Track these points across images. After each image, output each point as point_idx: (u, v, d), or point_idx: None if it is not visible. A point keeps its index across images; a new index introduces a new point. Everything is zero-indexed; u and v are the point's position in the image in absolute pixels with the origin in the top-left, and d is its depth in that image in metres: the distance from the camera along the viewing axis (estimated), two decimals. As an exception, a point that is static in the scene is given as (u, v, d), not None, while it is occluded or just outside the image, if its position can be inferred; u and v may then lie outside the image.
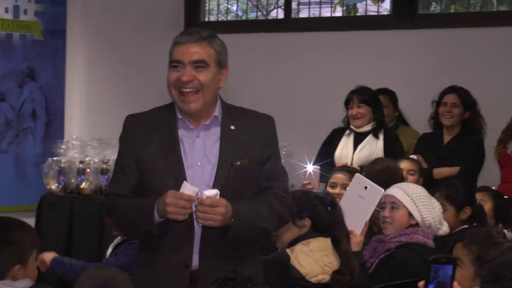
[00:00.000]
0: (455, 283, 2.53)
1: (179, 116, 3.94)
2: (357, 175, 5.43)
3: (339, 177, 5.89)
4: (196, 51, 3.92)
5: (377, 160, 6.28)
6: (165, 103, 4.05)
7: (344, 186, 5.71)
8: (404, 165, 6.15)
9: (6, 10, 8.32)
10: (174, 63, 3.91)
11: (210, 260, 3.82)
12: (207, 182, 3.84)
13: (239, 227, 3.77)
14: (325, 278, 4.54)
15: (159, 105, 4.07)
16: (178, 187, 3.73)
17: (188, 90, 3.84)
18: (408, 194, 4.93)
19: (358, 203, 4.94)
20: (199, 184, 3.77)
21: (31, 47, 8.49)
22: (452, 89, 7.01)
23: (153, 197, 3.77)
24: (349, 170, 6.10)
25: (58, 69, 8.36)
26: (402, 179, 5.92)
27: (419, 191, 4.98)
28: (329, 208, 4.65)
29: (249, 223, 3.83)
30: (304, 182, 5.88)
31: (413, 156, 6.62)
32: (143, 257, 3.97)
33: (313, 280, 4.51)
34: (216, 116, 3.98)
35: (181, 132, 3.93)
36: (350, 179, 5.70)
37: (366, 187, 5.14)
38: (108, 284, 2.94)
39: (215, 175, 3.86)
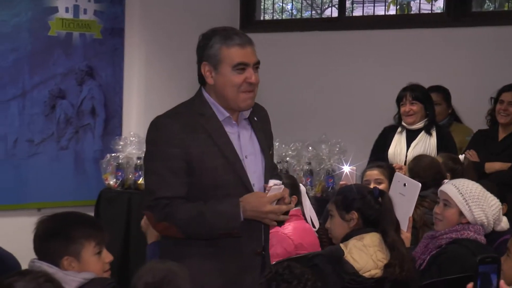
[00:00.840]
0: (501, 282, 2.55)
1: (227, 114, 4.00)
2: (396, 173, 5.48)
3: (371, 173, 5.92)
4: (254, 53, 4.05)
5: (419, 157, 6.30)
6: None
7: (377, 182, 5.76)
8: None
9: (67, 10, 8.40)
10: (240, 66, 3.96)
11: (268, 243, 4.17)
12: (259, 172, 4.03)
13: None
14: (378, 273, 4.53)
15: None
16: (241, 183, 3.92)
17: (251, 89, 4.01)
18: (461, 193, 4.90)
19: (400, 201, 4.93)
20: (252, 175, 3.99)
21: (90, 46, 8.56)
22: (510, 87, 6.98)
23: (230, 200, 3.86)
24: (380, 165, 6.15)
25: (117, 67, 8.43)
26: (444, 173, 5.99)
27: (474, 190, 4.93)
28: (379, 198, 4.66)
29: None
30: (341, 182, 5.90)
31: (463, 155, 6.61)
32: (203, 250, 3.97)
33: (366, 274, 4.51)
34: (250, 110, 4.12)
35: (227, 129, 4.00)
36: (382, 174, 5.83)
37: (405, 184, 5.15)
38: (167, 277, 2.97)
39: (264, 165, 4.07)
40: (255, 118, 4.18)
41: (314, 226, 5.27)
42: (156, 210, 3.92)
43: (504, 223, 4.99)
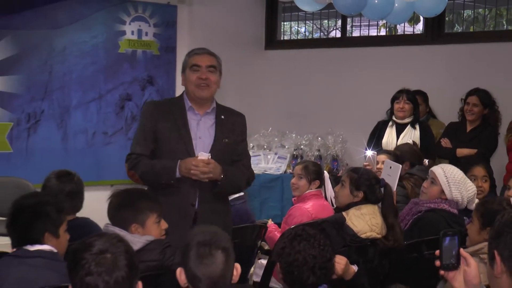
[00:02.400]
0: (461, 249, 2.54)
1: (189, 105, 4.39)
2: (386, 160, 5.65)
3: (381, 157, 5.95)
4: (210, 60, 4.41)
5: (403, 144, 6.54)
6: (247, 103, 4.14)
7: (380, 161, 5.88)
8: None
9: (132, 33, 8.39)
10: (194, 67, 4.36)
11: (205, 203, 4.33)
12: (206, 150, 4.28)
13: (224, 182, 4.32)
14: (372, 234, 4.54)
15: (248, 105, 4.28)
16: (186, 152, 4.29)
17: (205, 84, 4.34)
18: (446, 176, 4.92)
19: (388, 180, 5.01)
20: (200, 151, 4.28)
21: (150, 60, 8.56)
22: (475, 91, 6.91)
23: (171, 160, 4.25)
24: (387, 151, 6.23)
25: (170, 77, 8.42)
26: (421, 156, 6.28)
27: (456, 174, 4.96)
28: (382, 189, 4.67)
29: (231, 181, 4.40)
30: (365, 163, 5.90)
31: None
32: (160, 198, 4.10)
33: (363, 236, 4.51)
34: (214, 108, 4.47)
35: (189, 116, 4.38)
36: (388, 158, 5.84)
37: (390, 167, 5.34)
38: (213, 239, 2.96)
39: (211, 146, 4.34)
40: (222, 117, 4.46)
41: (333, 205, 5.25)
42: (129, 161, 4.42)
43: (475, 204, 4.97)
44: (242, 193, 5.36)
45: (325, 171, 5.70)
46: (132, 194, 3.91)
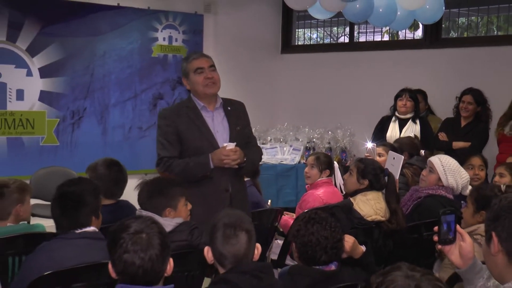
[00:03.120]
0: (457, 226, 2.53)
1: (201, 104, 4.38)
2: (390, 152, 5.62)
3: (379, 149, 5.98)
4: (209, 61, 4.42)
5: (404, 137, 6.55)
6: (266, 101, 4.12)
7: (380, 155, 5.84)
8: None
9: (164, 39, 8.42)
10: (198, 70, 4.34)
11: (235, 186, 4.37)
12: (225, 141, 4.29)
13: (248, 164, 4.39)
14: (377, 218, 4.52)
15: (266, 103, 4.23)
16: (211, 146, 4.29)
17: (212, 82, 4.34)
18: (443, 165, 4.93)
19: (392, 169, 5.04)
20: (220, 143, 4.31)
21: (179, 63, 8.49)
22: (469, 91, 6.90)
23: (202, 155, 4.25)
24: (384, 144, 6.21)
25: (197, 77, 8.41)
26: (419, 147, 6.30)
27: (451, 163, 4.96)
28: (386, 178, 4.66)
29: (251, 160, 4.44)
30: (366, 154, 5.89)
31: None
32: (194, 190, 4.17)
33: (369, 219, 4.50)
34: (221, 103, 4.47)
35: (203, 114, 4.38)
36: (385, 149, 5.90)
37: (394, 158, 5.34)
38: (238, 221, 2.97)
39: (229, 136, 4.35)
40: (229, 108, 4.47)
41: (342, 192, 5.25)
42: (161, 165, 4.37)
43: (469, 190, 4.96)
44: (248, 178, 5.35)
45: (335, 162, 5.69)
46: (163, 182, 3.93)
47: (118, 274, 2.59)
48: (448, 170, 4.91)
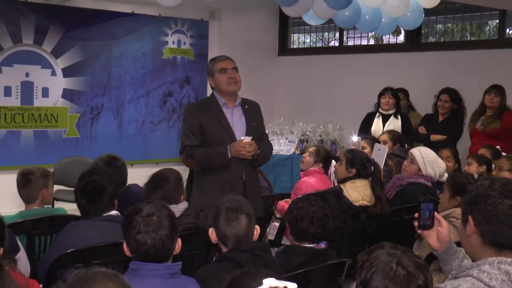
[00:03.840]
0: (435, 213, 2.53)
1: (222, 101, 4.39)
2: (376, 144, 5.63)
3: (363, 142, 6.01)
4: (232, 63, 4.46)
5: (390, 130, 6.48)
6: (264, 98, 4.10)
7: (364, 148, 5.83)
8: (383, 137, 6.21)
9: (173, 43, 8.41)
10: (223, 70, 4.37)
11: (248, 175, 4.38)
12: (242, 135, 4.30)
13: (261, 157, 4.40)
14: (364, 203, 4.55)
15: (264, 100, 4.23)
16: (230, 138, 4.30)
17: (234, 81, 4.37)
18: (422, 156, 4.95)
19: (377, 159, 5.07)
20: (238, 136, 4.32)
21: (187, 64, 8.56)
22: (446, 90, 6.91)
23: (221, 146, 4.26)
24: (367, 138, 6.23)
25: (203, 77, 8.33)
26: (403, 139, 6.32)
27: (430, 155, 4.99)
28: (372, 166, 4.67)
29: (264, 154, 4.45)
30: (352, 147, 5.90)
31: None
32: (212, 177, 4.31)
33: (356, 204, 4.52)
34: (240, 101, 4.47)
35: (224, 110, 4.39)
36: (368, 142, 5.95)
37: (379, 149, 5.33)
38: (239, 205, 2.98)
39: (246, 130, 4.36)
40: (246, 106, 4.48)
41: (333, 184, 5.26)
42: (184, 152, 4.37)
43: (445, 177, 4.97)
44: None
45: (333, 161, 5.69)
46: (173, 172, 3.95)
47: (132, 253, 2.59)
48: (427, 161, 4.93)
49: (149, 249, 2.53)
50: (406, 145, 6.23)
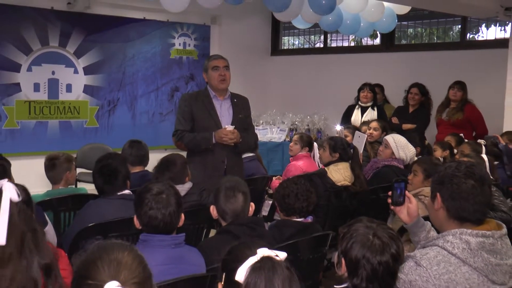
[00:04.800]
0: (406, 192, 2.54)
1: (213, 93, 4.38)
2: (356, 132, 5.62)
3: (345, 131, 6.03)
4: (224, 62, 4.40)
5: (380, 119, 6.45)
6: (258, 93, 4.05)
7: (346, 136, 5.83)
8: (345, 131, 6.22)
9: (179, 44, 8.37)
10: (215, 68, 4.32)
11: (230, 159, 4.34)
12: (229, 123, 4.29)
13: (243, 144, 4.37)
14: (345, 183, 4.55)
15: (259, 94, 4.20)
16: (216, 126, 4.28)
17: (223, 79, 4.33)
18: (395, 142, 4.94)
19: (357, 144, 5.13)
20: (224, 125, 4.30)
21: (192, 63, 8.53)
22: (415, 85, 6.90)
23: (207, 132, 4.25)
24: (349, 127, 6.23)
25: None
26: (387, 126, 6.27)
27: (402, 141, 4.99)
28: (351, 150, 4.67)
29: (246, 143, 4.42)
30: (336, 134, 5.92)
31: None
32: (198, 159, 4.29)
33: (339, 184, 4.52)
34: (229, 95, 4.42)
35: (214, 102, 4.38)
36: (349, 132, 5.95)
37: (359, 136, 5.32)
38: (236, 185, 2.97)
39: (232, 121, 4.34)
40: (235, 100, 4.45)
41: (318, 166, 5.26)
42: (176, 135, 4.38)
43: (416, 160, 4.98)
44: (252, 154, 5.35)
45: (314, 142, 5.70)
46: (179, 158, 3.93)
47: (143, 226, 2.59)
48: (399, 145, 4.93)
49: (159, 223, 2.53)
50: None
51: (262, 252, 1.56)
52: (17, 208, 1.88)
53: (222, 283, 1.75)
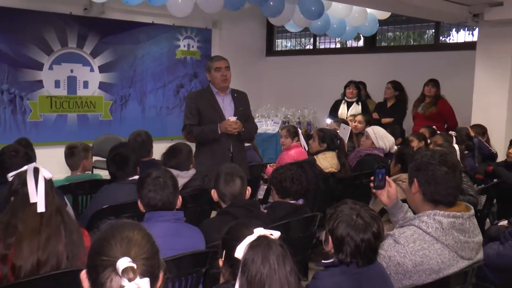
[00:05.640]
0: (386, 177, 2.54)
1: (216, 91, 4.31)
2: (342, 124, 5.59)
3: (331, 122, 6.05)
4: (226, 63, 4.33)
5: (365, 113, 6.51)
6: (255, 90, 4.02)
7: (335, 128, 5.76)
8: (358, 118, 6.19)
9: (184, 46, 8.32)
10: (217, 68, 4.26)
11: (235, 147, 4.30)
12: (231, 115, 4.23)
13: (245, 133, 4.32)
14: (332, 170, 4.55)
15: (255, 91, 4.17)
16: (220, 118, 4.22)
17: (225, 78, 4.27)
18: (375, 133, 4.93)
19: (343, 135, 5.12)
20: (228, 117, 4.24)
21: (195, 63, 8.48)
22: (391, 82, 6.93)
23: (214, 124, 4.19)
24: (337, 120, 6.20)
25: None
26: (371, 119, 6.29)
27: (381, 132, 4.99)
28: (338, 141, 4.66)
29: (248, 131, 4.37)
30: (327, 126, 5.91)
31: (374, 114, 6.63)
32: (206, 149, 4.25)
33: (326, 171, 4.52)
34: (230, 91, 4.38)
35: (217, 97, 4.32)
36: (337, 125, 5.88)
37: (344, 128, 5.30)
38: (234, 170, 2.96)
39: (234, 113, 4.28)
40: (235, 95, 4.39)
41: (306, 149, 5.25)
42: (185, 130, 4.32)
43: (394, 149, 4.98)
44: (249, 144, 5.33)
45: (299, 130, 5.69)
46: (184, 147, 3.91)
47: (145, 206, 2.60)
48: (378, 136, 4.93)
49: (158, 203, 2.56)
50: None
51: (258, 231, 1.56)
52: (49, 185, 2.03)
53: (223, 259, 1.75)
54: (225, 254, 1.71)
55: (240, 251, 1.52)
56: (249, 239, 1.54)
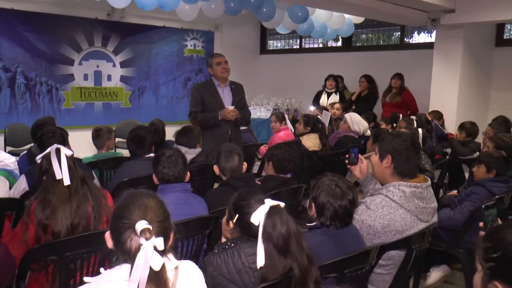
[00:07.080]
0: (359, 155, 2.53)
1: (217, 83, 4.22)
2: (323, 111, 5.55)
3: (314, 109, 5.97)
4: (224, 58, 4.24)
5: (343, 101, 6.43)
6: (250, 83, 3.95)
7: (317, 114, 5.69)
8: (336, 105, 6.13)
9: (191, 45, 8.22)
10: (219, 63, 4.17)
11: (233, 131, 4.22)
12: (229, 104, 4.16)
13: (241, 119, 4.25)
14: (315, 148, 4.53)
15: (250, 84, 4.08)
16: (221, 107, 4.13)
17: (226, 70, 4.18)
18: (351, 118, 4.92)
19: (324, 120, 5.07)
20: (227, 105, 4.17)
21: (200, 60, 8.38)
22: (364, 76, 6.89)
23: (215, 112, 4.11)
24: (319, 108, 6.13)
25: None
26: (348, 107, 6.30)
27: (356, 117, 4.99)
28: (320, 125, 4.64)
29: (244, 117, 4.29)
30: (310, 112, 5.88)
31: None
32: (209, 132, 4.16)
33: (310, 149, 4.51)
34: (228, 82, 4.24)
35: (218, 89, 4.22)
36: (319, 112, 5.81)
37: (325, 114, 5.25)
38: (233, 149, 2.93)
39: (232, 103, 4.21)
40: (233, 86, 4.29)
41: (292, 131, 5.22)
42: (191, 116, 4.22)
43: (368, 132, 4.96)
44: (246, 127, 5.30)
45: (286, 115, 5.65)
46: (193, 128, 3.88)
47: (159, 180, 2.59)
48: (354, 121, 4.92)
49: (171, 178, 2.56)
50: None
51: (269, 202, 1.63)
52: (71, 160, 2.03)
53: (234, 221, 1.75)
54: (238, 218, 1.72)
55: (256, 218, 1.60)
56: (263, 208, 1.60)
